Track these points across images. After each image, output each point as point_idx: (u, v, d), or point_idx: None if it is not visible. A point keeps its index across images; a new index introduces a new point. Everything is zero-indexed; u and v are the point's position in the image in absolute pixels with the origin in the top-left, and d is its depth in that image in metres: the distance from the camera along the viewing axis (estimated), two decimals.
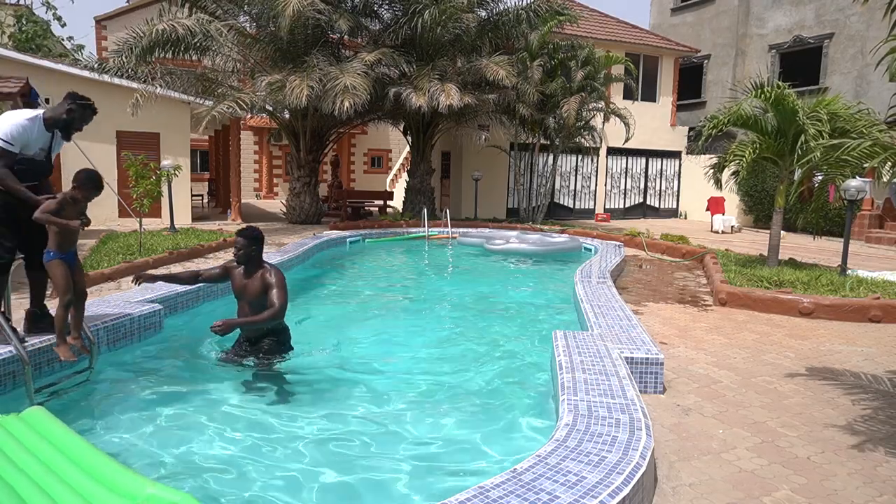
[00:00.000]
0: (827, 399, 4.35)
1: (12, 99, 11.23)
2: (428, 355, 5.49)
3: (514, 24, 15.36)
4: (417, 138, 16.71)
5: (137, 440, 3.55)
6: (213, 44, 13.66)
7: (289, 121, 16.17)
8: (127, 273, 8.00)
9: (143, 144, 14.28)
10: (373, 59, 13.26)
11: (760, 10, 21.83)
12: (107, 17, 24.04)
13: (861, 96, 17.49)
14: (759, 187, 18.19)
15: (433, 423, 3.96)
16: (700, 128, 9.85)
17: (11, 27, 22.88)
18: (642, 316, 6.68)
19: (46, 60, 14.52)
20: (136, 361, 4.86)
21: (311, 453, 3.48)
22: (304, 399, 4.33)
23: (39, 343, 4.24)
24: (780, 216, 9.42)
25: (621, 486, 2.56)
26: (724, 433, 3.71)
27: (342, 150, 27.20)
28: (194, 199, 17.58)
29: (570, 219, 19.11)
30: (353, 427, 3.85)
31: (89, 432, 3.60)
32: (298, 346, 5.08)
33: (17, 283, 7.04)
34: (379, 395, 4.42)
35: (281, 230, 14.28)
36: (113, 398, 4.16)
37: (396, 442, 3.66)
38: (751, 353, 5.45)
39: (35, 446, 2.67)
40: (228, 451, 3.46)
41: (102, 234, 11.21)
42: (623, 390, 3.68)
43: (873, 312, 6.75)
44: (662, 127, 20.75)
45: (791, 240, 14.75)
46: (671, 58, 20.62)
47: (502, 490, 2.48)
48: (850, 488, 3.09)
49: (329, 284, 8.79)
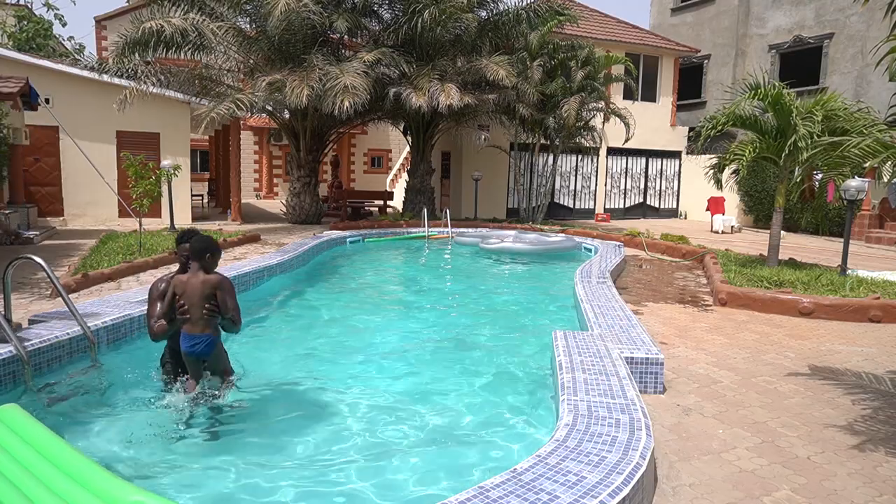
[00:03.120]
0: (827, 399, 4.35)
1: (12, 99, 11.23)
2: (428, 355, 5.49)
3: (514, 24, 15.37)
4: (417, 138, 16.71)
5: (132, 443, 3.54)
6: (208, 42, 13.64)
7: (289, 121, 16.17)
8: (127, 273, 8.01)
9: (142, 144, 14.28)
10: (373, 59, 13.26)
11: (760, 10, 21.83)
12: (107, 17, 24.04)
13: (861, 96, 17.49)
14: (759, 187, 18.19)
15: (432, 422, 3.95)
16: (700, 128, 9.84)
17: (13, 27, 22.89)
18: (642, 316, 6.68)
19: (46, 60, 14.53)
20: (136, 361, 4.85)
21: (313, 448, 3.48)
22: (304, 393, 4.33)
23: (39, 343, 4.24)
24: (780, 216, 9.42)
25: (621, 486, 2.56)
26: (724, 433, 3.71)
27: (342, 150, 27.20)
28: (194, 199, 17.58)
29: (570, 219, 19.11)
30: (354, 425, 3.85)
31: (85, 434, 3.59)
32: (297, 345, 5.08)
33: (17, 283, 7.05)
34: (377, 393, 4.42)
35: (281, 230, 14.28)
36: (112, 398, 4.16)
37: (395, 442, 3.66)
38: (751, 353, 5.45)
39: (11, 445, 2.49)
40: (231, 455, 3.46)
41: (102, 234, 11.21)
42: (623, 390, 3.68)
43: (873, 312, 6.75)
44: (662, 127, 20.75)
45: (791, 240, 14.75)
46: (671, 58, 20.62)
47: (502, 490, 2.48)
48: (851, 488, 3.09)
49: (327, 284, 8.79)
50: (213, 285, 3.84)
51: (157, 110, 14.65)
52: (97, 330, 4.70)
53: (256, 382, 4.52)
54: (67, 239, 11.47)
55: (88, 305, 5.36)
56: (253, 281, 7.62)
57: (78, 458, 2.44)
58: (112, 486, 2.24)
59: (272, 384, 4.58)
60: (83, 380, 4.31)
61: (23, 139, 12.53)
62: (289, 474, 3.25)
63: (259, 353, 5.27)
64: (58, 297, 6.10)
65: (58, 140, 14.10)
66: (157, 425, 3.71)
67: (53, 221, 13.73)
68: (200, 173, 24.39)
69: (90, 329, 4.52)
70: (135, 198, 9.87)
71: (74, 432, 3.55)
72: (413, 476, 3.26)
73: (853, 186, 8.41)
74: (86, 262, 8.20)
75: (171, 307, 3.87)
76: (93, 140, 14.08)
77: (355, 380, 4.75)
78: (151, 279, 7.69)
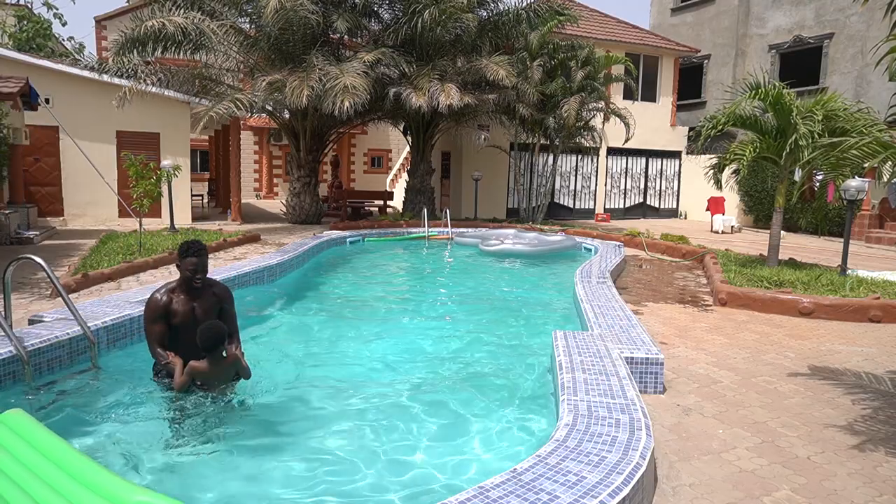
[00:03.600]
0: (827, 399, 4.35)
1: (12, 99, 11.23)
2: (427, 355, 5.49)
3: (514, 24, 15.37)
4: (417, 138, 16.71)
5: (133, 443, 3.54)
6: (208, 42, 13.64)
7: (289, 121, 16.17)
8: (127, 273, 8.01)
9: (142, 144, 14.28)
10: (373, 59, 13.26)
11: (760, 10, 21.83)
12: (107, 17, 24.05)
13: (861, 96, 17.49)
14: (759, 187, 18.19)
15: (432, 422, 3.95)
16: (700, 128, 9.84)
17: (13, 27, 22.89)
18: (642, 316, 6.68)
19: (46, 60, 14.52)
20: (135, 361, 4.85)
21: (314, 443, 3.48)
22: (305, 393, 4.33)
23: (39, 343, 4.24)
24: (780, 216, 9.42)
25: (621, 486, 2.56)
26: (724, 433, 3.71)
27: (342, 150, 27.20)
28: (194, 199, 17.58)
29: (570, 219, 19.11)
30: (352, 424, 3.85)
31: (85, 434, 3.59)
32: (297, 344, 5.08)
33: (17, 283, 7.05)
34: (376, 391, 4.42)
35: (281, 230, 14.28)
36: (113, 398, 4.16)
37: (395, 441, 3.66)
38: (751, 353, 5.45)
39: (17, 450, 2.55)
40: (231, 455, 3.46)
41: (102, 234, 11.21)
42: (623, 390, 3.68)
43: (873, 312, 6.75)
44: (662, 127, 20.75)
45: (791, 240, 14.75)
46: (671, 58, 20.62)
47: (502, 490, 2.48)
48: (851, 488, 3.09)
49: (327, 285, 8.79)
50: (232, 364, 4.01)
51: (157, 110, 14.64)
52: (97, 330, 4.70)
53: (256, 382, 4.52)
54: (67, 239, 11.48)
55: (88, 305, 5.36)
56: (253, 281, 7.63)
57: (82, 460, 2.47)
58: (117, 487, 2.27)
59: (271, 384, 4.58)
60: (83, 379, 4.31)
61: (23, 139, 12.53)
62: (290, 474, 3.25)
63: (259, 352, 5.27)
64: (58, 297, 6.10)
65: (58, 140, 14.10)
66: (157, 425, 3.71)
67: (53, 221, 13.73)
68: (200, 173, 24.40)
69: (90, 329, 4.51)
70: (135, 198, 9.87)
71: (75, 432, 3.55)
72: (413, 476, 3.26)
73: (853, 186, 8.41)
74: (86, 262, 8.20)
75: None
76: (93, 140, 14.07)
77: (354, 380, 4.75)
78: (151, 279, 7.70)
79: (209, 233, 11.84)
